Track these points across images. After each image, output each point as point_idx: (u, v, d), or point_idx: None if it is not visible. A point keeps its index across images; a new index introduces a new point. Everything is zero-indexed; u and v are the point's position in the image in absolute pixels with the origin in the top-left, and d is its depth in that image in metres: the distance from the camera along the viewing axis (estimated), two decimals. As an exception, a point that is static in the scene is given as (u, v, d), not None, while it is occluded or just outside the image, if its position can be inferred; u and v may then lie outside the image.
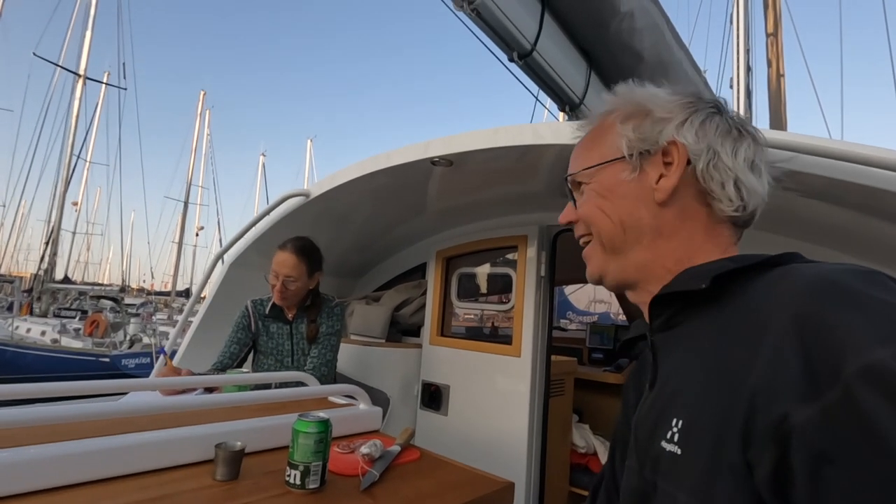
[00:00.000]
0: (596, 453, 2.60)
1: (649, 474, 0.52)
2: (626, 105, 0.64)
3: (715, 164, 0.58)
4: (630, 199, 0.61)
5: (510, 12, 1.62)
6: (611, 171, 0.62)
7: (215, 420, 1.03)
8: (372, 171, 1.91)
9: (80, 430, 0.88)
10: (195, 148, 23.77)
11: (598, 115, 0.68)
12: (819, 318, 0.39)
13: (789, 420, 0.37)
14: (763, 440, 0.39)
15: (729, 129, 0.60)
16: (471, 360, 2.25)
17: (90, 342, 10.57)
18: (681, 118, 0.60)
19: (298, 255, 1.84)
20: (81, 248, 27.07)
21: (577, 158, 0.67)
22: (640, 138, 0.61)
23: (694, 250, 0.59)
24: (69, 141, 16.09)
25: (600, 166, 0.63)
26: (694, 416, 0.47)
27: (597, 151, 0.65)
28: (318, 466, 0.87)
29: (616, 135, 0.63)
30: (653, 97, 0.62)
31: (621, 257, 0.62)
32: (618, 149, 0.62)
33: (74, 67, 16.92)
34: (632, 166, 0.61)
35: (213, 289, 2.38)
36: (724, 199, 0.58)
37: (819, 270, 0.44)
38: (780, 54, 5.06)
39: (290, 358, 1.92)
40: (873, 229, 1.30)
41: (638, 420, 0.58)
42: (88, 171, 22.09)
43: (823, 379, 0.36)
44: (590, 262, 0.66)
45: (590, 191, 0.64)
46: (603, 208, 0.62)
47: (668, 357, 0.56)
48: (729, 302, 0.50)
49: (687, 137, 0.59)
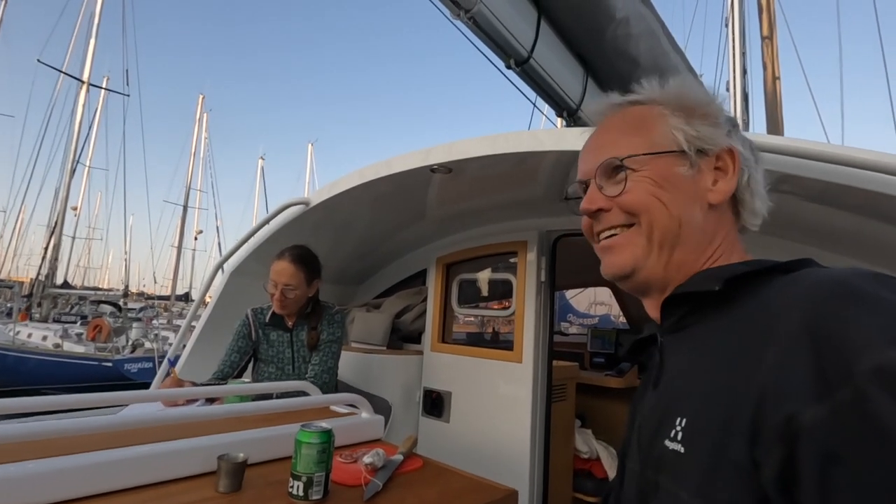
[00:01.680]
0: (599, 459, 2.59)
1: (651, 474, 0.52)
2: (677, 98, 0.62)
3: (755, 177, 0.61)
4: (688, 195, 0.59)
5: (507, 20, 1.64)
6: (666, 162, 0.59)
7: (217, 431, 1.03)
8: (372, 179, 1.92)
9: (81, 444, 0.88)
10: (194, 152, 23.75)
11: (625, 102, 0.65)
12: (829, 319, 0.39)
13: (798, 419, 0.37)
14: (770, 439, 0.39)
15: (752, 147, 0.63)
16: (472, 367, 2.25)
17: (93, 347, 10.56)
18: (728, 126, 0.62)
19: (296, 263, 1.85)
20: (81, 253, 27.05)
21: (617, 143, 0.62)
22: (699, 137, 0.59)
23: (723, 256, 0.59)
24: (72, 146, 16.12)
25: (657, 155, 0.59)
26: (699, 415, 0.47)
27: (645, 139, 0.61)
28: (322, 477, 0.87)
29: (668, 126, 0.60)
30: (703, 99, 0.62)
31: (666, 252, 0.58)
32: (673, 141, 0.60)
33: (78, 74, 17.03)
34: (690, 163, 0.59)
35: (213, 298, 2.38)
36: (752, 212, 0.61)
37: (829, 273, 0.44)
38: (776, 57, 5.09)
39: (291, 366, 1.92)
40: (873, 232, 1.31)
41: (641, 421, 0.58)
42: (88, 175, 22.10)
43: (833, 379, 0.36)
44: (622, 252, 0.60)
45: (641, 178, 0.59)
46: (661, 198, 0.58)
47: (675, 357, 0.57)
48: (740, 305, 0.50)
49: (740, 147, 0.61)
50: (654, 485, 0.52)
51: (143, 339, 11.32)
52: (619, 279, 0.62)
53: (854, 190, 1.09)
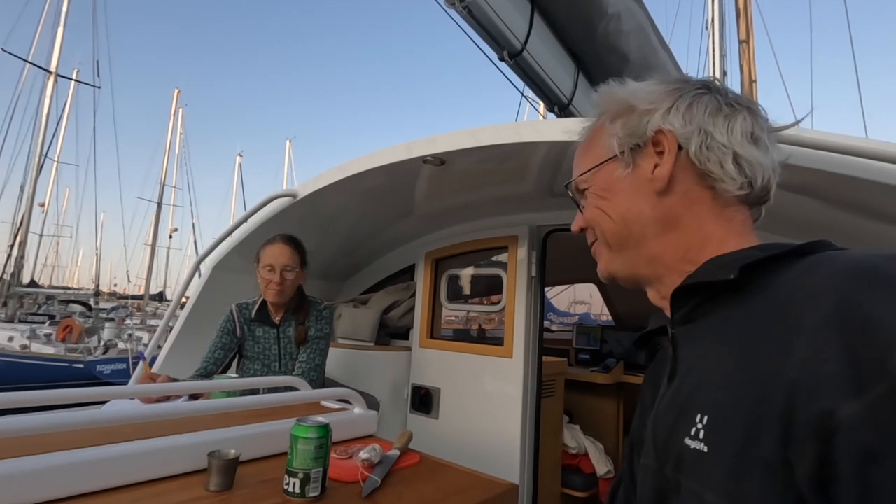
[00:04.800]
0: (587, 454, 2.61)
1: (671, 472, 0.50)
2: (611, 104, 0.65)
3: (708, 144, 0.56)
4: (628, 195, 0.61)
5: (501, 10, 1.62)
6: (606, 171, 0.63)
7: (206, 427, 0.98)
8: (361, 171, 1.88)
9: (60, 442, 0.82)
10: (168, 147, 23.08)
11: (591, 122, 0.70)
12: (862, 308, 0.37)
13: (834, 416, 0.35)
14: (804, 436, 0.37)
15: (719, 105, 0.58)
16: (461, 363, 2.23)
17: (63, 348, 10.18)
18: (666, 105, 0.59)
19: (291, 245, 1.85)
20: (49, 251, 26.02)
21: (576, 166, 0.69)
22: (628, 133, 0.61)
23: (705, 237, 0.57)
24: (39, 140, 15.52)
25: (595, 169, 0.65)
26: (722, 412, 0.45)
27: (591, 155, 0.66)
28: (319, 473, 0.83)
29: (606, 135, 0.64)
30: (635, 92, 0.63)
31: (627, 253, 0.62)
32: (609, 148, 0.63)
33: (45, 64, 16.40)
34: (624, 163, 0.62)
35: (194, 293, 2.31)
36: (727, 179, 0.56)
37: (856, 257, 0.42)
38: (752, 60, 5.22)
39: (278, 363, 1.87)
40: (846, 223, 1.32)
41: (656, 416, 0.56)
42: (57, 171, 21.30)
43: (869, 372, 0.34)
44: (600, 261, 0.67)
45: (590, 194, 0.65)
46: (602, 208, 0.63)
47: (690, 350, 0.54)
48: (757, 292, 0.48)
49: (674, 123, 0.58)
50: (674, 484, 0.50)
51: (116, 340, 10.99)
52: (609, 282, 0.68)
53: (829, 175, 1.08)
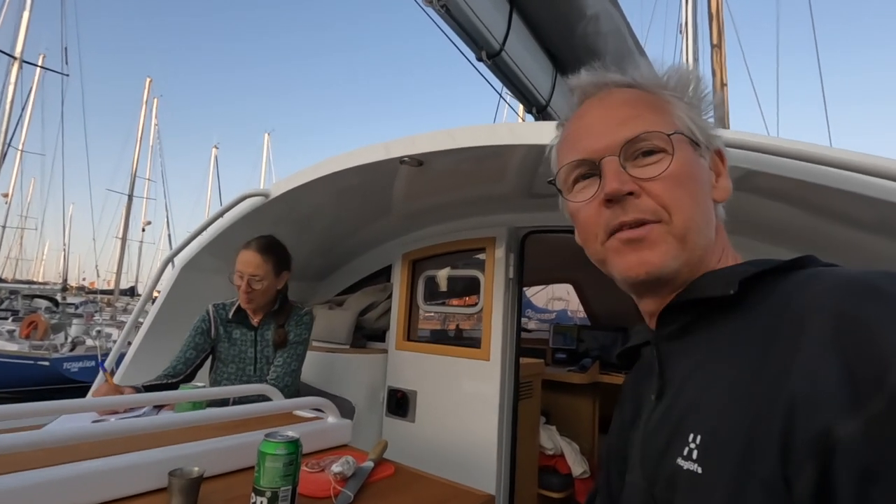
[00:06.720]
0: (563, 455, 2.62)
1: (662, 493, 0.49)
2: (679, 86, 0.57)
3: None
4: (706, 189, 0.55)
5: (479, 10, 1.60)
6: (687, 150, 0.54)
7: (168, 442, 0.93)
8: (336, 171, 1.83)
9: (5, 463, 0.77)
10: (140, 137, 22.32)
11: (623, 82, 0.58)
12: (859, 324, 0.37)
13: (832, 434, 0.34)
14: (803, 454, 0.36)
15: None
16: (438, 365, 2.21)
17: (27, 345, 9.75)
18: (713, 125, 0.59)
19: (263, 253, 1.76)
20: (13, 244, 24.96)
21: (644, 118, 0.54)
22: (703, 132, 0.56)
23: (722, 249, 0.57)
24: (2, 128, 14.84)
25: (682, 136, 0.53)
26: (717, 431, 0.44)
27: (666, 119, 0.54)
28: (288, 492, 0.80)
29: (677, 115, 0.55)
30: (699, 90, 0.59)
31: (697, 251, 0.53)
32: (688, 129, 0.55)
33: (9, 49, 15.69)
34: (701, 154, 0.56)
35: (162, 294, 2.22)
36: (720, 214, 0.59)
37: (854, 273, 0.42)
38: (724, 65, 5.33)
39: (253, 366, 1.81)
40: (821, 228, 1.35)
41: (646, 434, 0.55)
42: (21, 160, 20.41)
43: (866, 389, 0.34)
44: (656, 248, 0.51)
45: (662, 166, 0.52)
46: (689, 188, 0.52)
47: (680, 366, 0.53)
48: (751, 308, 0.47)
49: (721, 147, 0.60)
50: None
51: (85, 336, 10.59)
52: (645, 279, 0.52)
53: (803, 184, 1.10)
